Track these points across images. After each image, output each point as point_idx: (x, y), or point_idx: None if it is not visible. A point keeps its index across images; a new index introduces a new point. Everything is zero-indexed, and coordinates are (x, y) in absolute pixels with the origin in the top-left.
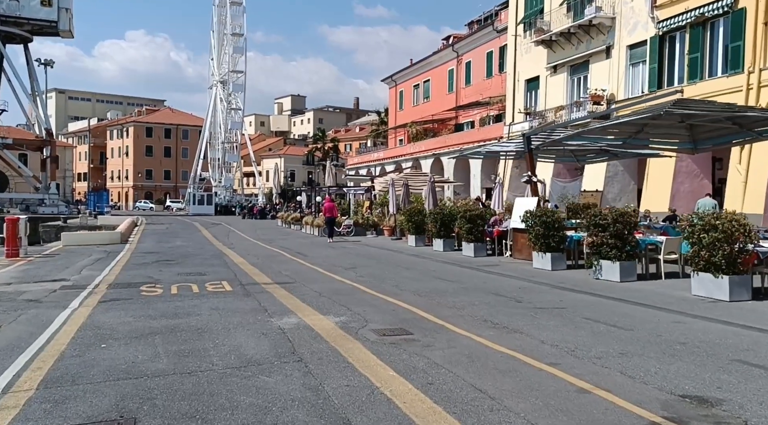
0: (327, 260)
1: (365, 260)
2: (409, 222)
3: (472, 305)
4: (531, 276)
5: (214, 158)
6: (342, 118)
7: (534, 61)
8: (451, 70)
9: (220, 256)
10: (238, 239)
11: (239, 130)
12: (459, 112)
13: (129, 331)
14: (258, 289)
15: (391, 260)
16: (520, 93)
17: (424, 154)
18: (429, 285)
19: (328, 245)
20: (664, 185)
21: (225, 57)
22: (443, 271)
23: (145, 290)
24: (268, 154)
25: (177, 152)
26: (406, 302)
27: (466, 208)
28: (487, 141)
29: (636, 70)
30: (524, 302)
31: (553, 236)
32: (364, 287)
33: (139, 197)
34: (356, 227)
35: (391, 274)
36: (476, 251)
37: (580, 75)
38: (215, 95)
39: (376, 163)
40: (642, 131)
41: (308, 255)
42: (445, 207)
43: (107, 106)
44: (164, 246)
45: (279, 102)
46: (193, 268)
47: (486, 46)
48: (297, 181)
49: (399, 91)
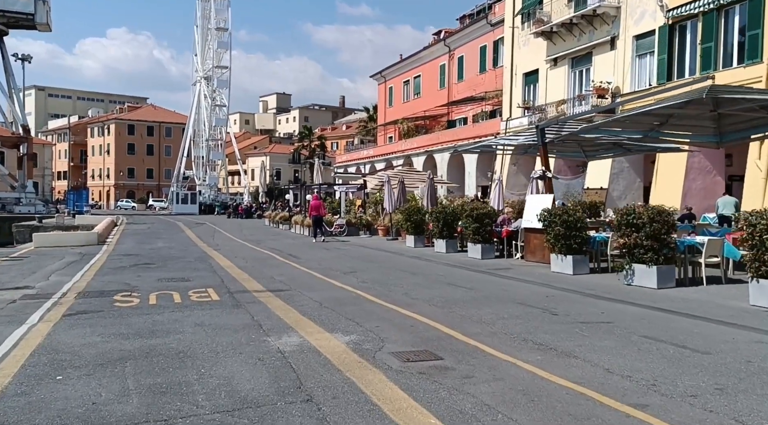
0: (322, 263)
1: (364, 264)
2: (408, 222)
3: (501, 319)
4: (553, 282)
5: (198, 156)
6: (328, 116)
7: (533, 53)
8: (443, 66)
9: (206, 259)
10: (224, 239)
11: (224, 127)
12: (451, 108)
13: (94, 356)
14: (249, 298)
15: (393, 263)
16: (518, 87)
17: (416, 151)
18: (442, 293)
19: (319, 246)
20: (675, 182)
21: (209, 52)
22: (453, 276)
23: (119, 300)
24: (254, 152)
25: (160, 150)
26: (423, 314)
27: (473, 206)
28: (483, 137)
29: (643, 61)
30: (560, 315)
31: (575, 237)
32: (369, 295)
33: (121, 196)
34: (349, 226)
35: (397, 279)
36: (484, 253)
37: (583, 67)
38: (199, 92)
39: (365, 160)
40: (666, 123)
41: (301, 257)
42: (448, 206)
43: (88, 103)
44: (145, 248)
45: (264, 100)
46: (176, 273)
47: (479, 41)
48: (283, 179)
49: (388, 88)
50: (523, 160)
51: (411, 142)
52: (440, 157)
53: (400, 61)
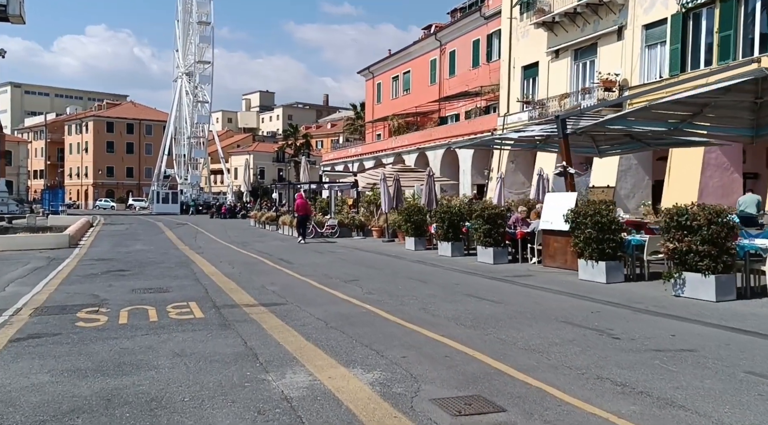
0: (318, 270)
1: (365, 270)
2: (408, 223)
3: (554, 346)
4: (588, 292)
5: (179, 154)
6: (312, 114)
7: (532, 45)
8: (434, 61)
9: (187, 264)
10: (208, 241)
11: (206, 124)
12: (443, 104)
13: (35, 407)
14: (239, 315)
15: (396, 269)
16: (517, 81)
17: (407, 148)
18: (467, 307)
19: (311, 249)
20: (690, 179)
21: (191, 47)
22: (470, 284)
23: (82, 319)
24: (237, 151)
25: (140, 148)
26: (455, 338)
27: (484, 205)
28: (478, 134)
29: (653, 52)
30: (623, 339)
31: (609, 241)
32: (381, 311)
33: (100, 195)
34: (341, 227)
35: (407, 289)
36: (496, 257)
37: (587, 60)
38: (180, 88)
39: (354, 158)
40: (700, 113)
41: (293, 262)
42: (453, 206)
43: (66, 101)
44: (120, 251)
45: (247, 98)
46: (153, 281)
47: (472, 34)
48: (267, 178)
49: (377, 84)
50: (522, 157)
51: (402, 139)
52: (433, 154)
53: (388, 56)
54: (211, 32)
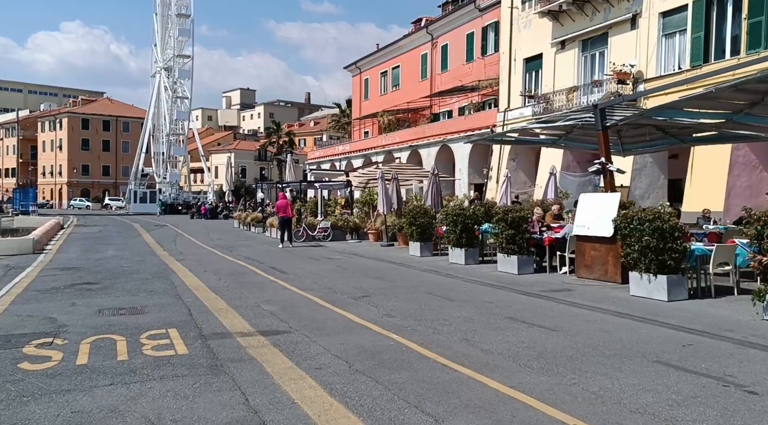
0: (319, 281)
1: (373, 282)
2: (413, 226)
3: (675, 406)
4: (653, 315)
5: (158, 152)
6: (294, 112)
7: (535, 36)
8: (425, 55)
9: (166, 274)
10: (189, 245)
11: (186, 121)
12: (434, 100)
13: None
14: (233, 350)
15: (410, 281)
16: (518, 74)
17: (398, 146)
18: (519, 338)
19: (305, 255)
20: (716, 179)
21: (170, 42)
22: (506, 303)
23: (29, 356)
24: (217, 149)
25: (117, 145)
26: (532, 392)
27: (506, 207)
28: (476, 130)
29: (671, 41)
30: (763, 395)
31: (671, 251)
32: (413, 343)
33: (75, 194)
34: (334, 229)
35: (433, 310)
36: (520, 267)
37: (596, 51)
38: (159, 83)
39: (341, 157)
40: (761, 102)
41: (288, 272)
42: (467, 208)
43: (41, 97)
44: (91, 258)
45: (227, 96)
46: (126, 298)
47: (466, 27)
48: (249, 177)
49: (364, 79)
50: (524, 155)
51: (393, 136)
52: (426, 152)
53: (376, 50)
54: (191, 25)
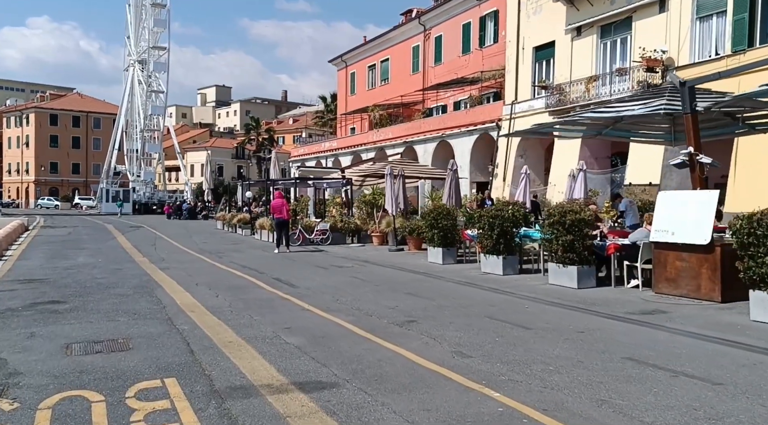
0: (340, 298)
1: (409, 300)
2: (434, 229)
3: None
4: None
5: (131, 149)
6: (271, 110)
7: (547, 23)
8: (416, 47)
9: (150, 288)
10: (171, 250)
11: (162, 116)
12: (428, 94)
13: None
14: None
15: (454, 299)
16: (527, 64)
17: (391, 142)
18: (680, 398)
19: (311, 263)
20: (764, 176)
21: (144, 33)
22: (606, 334)
23: None
24: (193, 146)
25: (87, 142)
26: None
27: (564, 208)
28: (479, 125)
29: (706, 24)
30: None
31: None
32: (536, 411)
33: (43, 193)
34: (332, 232)
35: (517, 346)
36: (581, 280)
37: (617, 37)
38: (132, 77)
39: (328, 154)
40: None
41: (297, 285)
42: (504, 208)
43: (7, 93)
44: (58, 267)
45: (202, 93)
46: (102, 325)
47: (462, 17)
48: (226, 175)
49: (350, 73)
50: (532, 150)
51: (385, 132)
52: (423, 148)
53: (364, 43)
54: (167, 15)
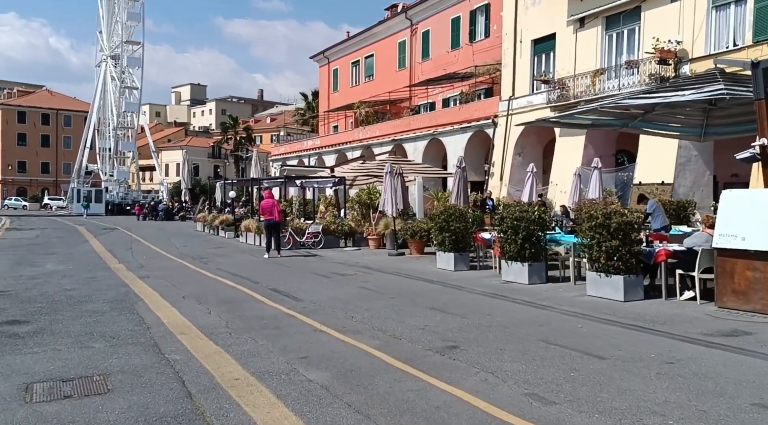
0: (355, 315)
1: (437, 317)
2: (445, 232)
3: None
4: None
5: (103, 147)
6: (247, 109)
7: (547, 14)
8: (403, 43)
9: (130, 302)
10: (150, 255)
11: (136, 113)
12: (415, 91)
13: None
14: None
15: (490, 316)
16: (525, 58)
17: (379, 140)
18: None
19: (300, 268)
20: None
21: (117, 28)
22: (701, 367)
23: None
24: (168, 145)
25: (58, 141)
26: None
27: (608, 210)
28: (473, 121)
29: (723, 14)
30: None
31: None
32: None
33: (10, 193)
34: (325, 234)
35: (603, 384)
36: (628, 292)
37: (624, 28)
38: (105, 73)
39: (310, 152)
40: None
41: (301, 298)
42: (530, 209)
43: None
44: (23, 275)
45: (177, 91)
46: (72, 354)
47: (451, 11)
48: (202, 175)
49: (333, 70)
50: (530, 148)
51: (372, 129)
52: (412, 146)
53: (347, 39)
54: (141, 9)
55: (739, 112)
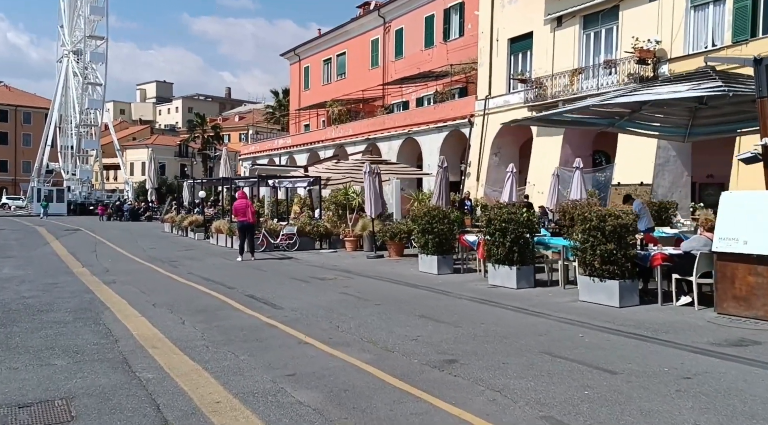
0: (341, 324)
1: (428, 326)
2: (428, 234)
3: None
4: None
5: (65, 145)
6: (215, 107)
7: (524, 12)
8: (375, 41)
9: (96, 311)
10: (116, 258)
11: (99, 110)
12: (388, 90)
13: None
14: None
15: (484, 325)
16: (501, 57)
17: (352, 139)
18: None
19: (277, 272)
20: None
21: (79, 22)
22: (715, 383)
23: None
24: (133, 144)
25: (16, 138)
26: None
27: (603, 212)
28: (449, 121)
29: (701, 14)
30: None
31: None
32: None
33: None
34: (300, 236)
35: (625, 404)
36: (623, 297)
37: (601, 27)
38: (66, 68)
39: (281, 151)
40: None
41: (280, 305)
42: (519, 210)
43: None
44: None
45: (142, 88)
46: (29, 375)
47: (424, 9)
48: (168, 174)
49: (304, 68)
50: (507, 148)
51: (345, 128)
52: (387, 146)
53: (318, 36)
54: (105, 3)
55: (728, 112)
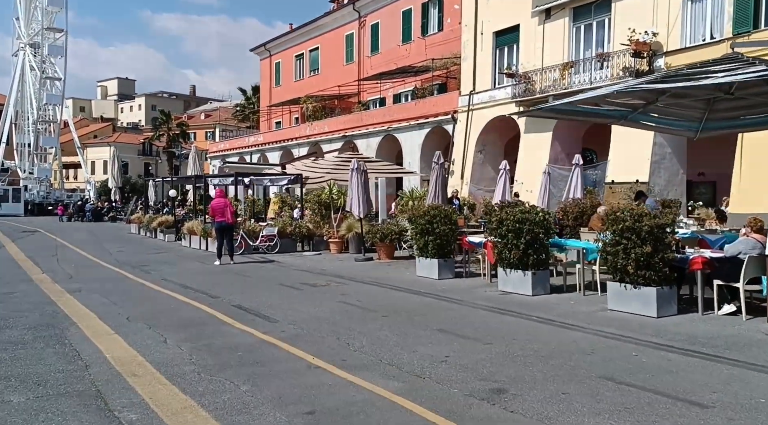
0: (352, 341)
1: (454, 342)
2: (428, 235)
3: None
4: None
5: (22, 143)
6: (179, 105)
7: (510, 5)
8: (350, 35)
9: (60, 328)
10: (80, 263)
11: (59, 105)
12: (364, 86)
13: None
14: None
15: (515, 339)
16: (486, 51)
17: (328, 136)
18: None
19: (264, 277)
20: None
21: (36, 14)
22: None
23: None
24: (94, 142)
25: None
26: None
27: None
28: (431, 117)
29: (698, 5)
30: None
31: None
32: None
33: None
34: (281, 238)
35: None
36: (661, 306)
37: (592, 20)
38: (22, 62)
39: (253, 149)
40: None
41: (275, 318)
42: (532, 209)
43: None
44: None
45: (103, 85)
46: None
47: (401, 3)
48: (132, 173)
49: (275, 63)
50: (492, 146)
51: (321, 125)
52: (365, 143)
53: (290, 31)
54: None
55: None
